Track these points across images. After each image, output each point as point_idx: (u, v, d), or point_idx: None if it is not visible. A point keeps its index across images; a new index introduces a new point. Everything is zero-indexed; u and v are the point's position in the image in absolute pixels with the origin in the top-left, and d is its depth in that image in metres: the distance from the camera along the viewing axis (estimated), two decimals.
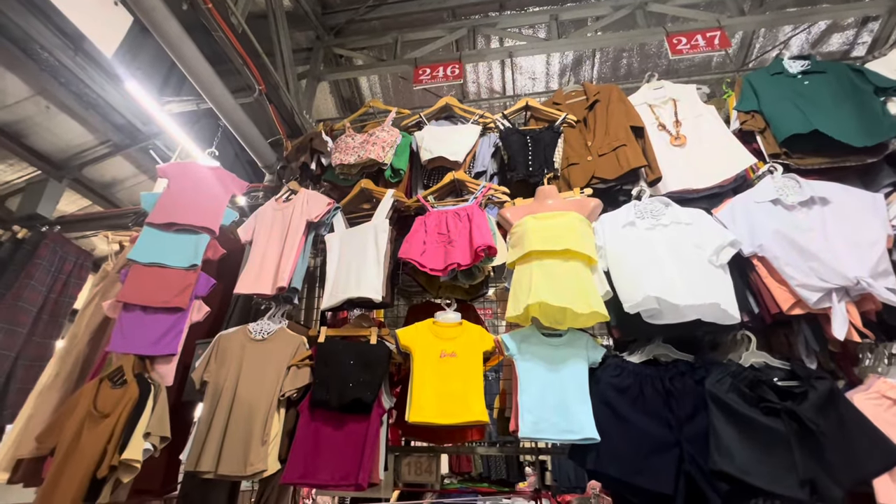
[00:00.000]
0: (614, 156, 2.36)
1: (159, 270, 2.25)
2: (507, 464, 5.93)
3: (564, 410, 1.79)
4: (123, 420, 1.75)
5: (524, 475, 7.87)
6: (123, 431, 1.73)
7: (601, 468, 1.70)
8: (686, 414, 1.73)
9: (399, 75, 4.02)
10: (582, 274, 1.94)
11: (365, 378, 2.02)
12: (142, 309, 2.16)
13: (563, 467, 7.20)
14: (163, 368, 2.10)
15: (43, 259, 3.09)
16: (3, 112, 3.16)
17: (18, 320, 2.99)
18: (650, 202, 2.18)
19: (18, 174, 3.60)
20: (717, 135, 2.40)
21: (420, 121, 2.77)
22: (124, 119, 3.51)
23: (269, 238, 2.46)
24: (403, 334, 2.05)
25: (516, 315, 1.92)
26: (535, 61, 4.01)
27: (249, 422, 2.01)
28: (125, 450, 1.69)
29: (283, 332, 2.25)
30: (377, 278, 2.14)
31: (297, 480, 1.90)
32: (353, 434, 1.95)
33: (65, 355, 2.48)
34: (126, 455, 1.68)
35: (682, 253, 1.95)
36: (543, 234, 2.04)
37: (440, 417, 1.86)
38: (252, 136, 2.82)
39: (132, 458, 1.69)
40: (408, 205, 2.41)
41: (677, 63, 3.99)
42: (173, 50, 2.21)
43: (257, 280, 2.32)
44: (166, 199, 2.43)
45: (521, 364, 1.91)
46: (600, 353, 1.94)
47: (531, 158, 2.40)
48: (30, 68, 2.98)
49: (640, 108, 2.58)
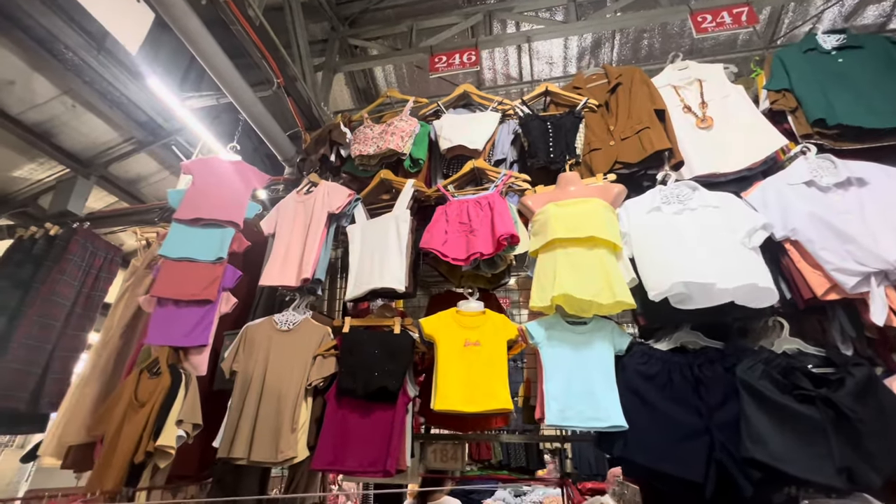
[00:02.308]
0: (637, 139, 2.30)
1: (188, 264, 2.30)
2: (526, 451, 5.97)
3: (591, 398, 1.78)
4: (157, 408, 1.82)
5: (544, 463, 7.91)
6: (157, 419, 1.79)
7: (629, 456, 1.70)
8: (716, 401, 1.71)
9: (414, 64, 3.99)
10: (607, 262, 1.91)
11: (390, 367, 2.04)
12: (174, 302, 2.23)
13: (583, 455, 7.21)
14: (196, 359, 2.16)
15: (74, 255, 3.19)
16: (33, 112, 3.25)
17: (53, 314, 3.09)
18: (676, 186, 2.13)
19: (48, 172, 3.71)
20: (745, 116, 2.32)
21: (438, 109, 2.75)
22: (147, 116, 3.57)
23: (291, 230, 2.48)
24: (427, 323, 2.07)
25: (541, 305, 1.91)
26: (552, 45, 3.93)
27: (279, 410, 2.06)
28: (159, 436, 1.75)
29: (309, 323, 2.29)
30: (400, 268, 2.15)
31: (326, 467, 1.94)
32: (380, 422, 1.99)
33: (100, 349, 2.58)
34: (160, 441, 1.75)
35: (712, 237, 1.90)
36: (567, 221, 2.01)
37: (466, 405, 1.87)
38: (271, 130, 2.84)
39: (166, 444, 1.76)
40: (428, 194, 2.41)
41: (701, 42, 3.86)
42: (194, 45, 2.23)
43: (282, 272, 2.35)
44: (191, 194, 2.48)
45: (547, 352, 1.91)
46: (626, 340, 1.92)
47: (552, 145, 2.36)
48: (55, 68, 3.05)
49: (665, 89, 2.51)
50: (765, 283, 1.73)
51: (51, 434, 2.39)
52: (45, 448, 2.33)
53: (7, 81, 3.01)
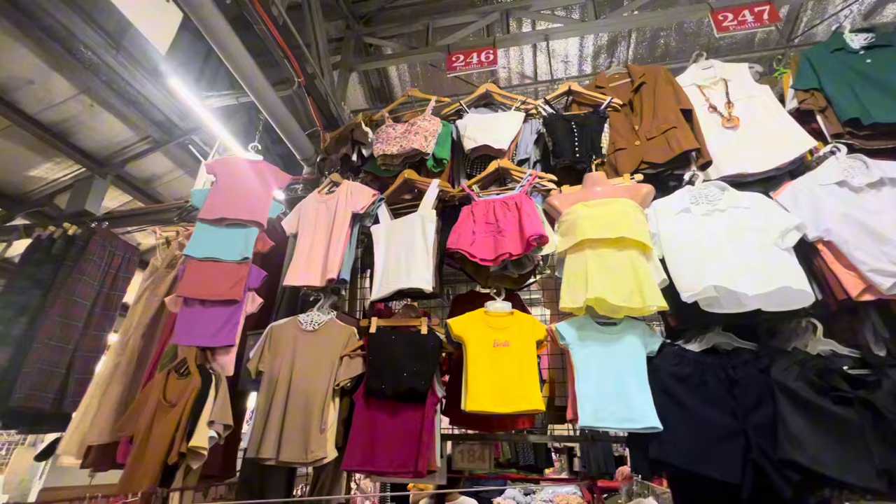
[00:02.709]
0: (664, 139, 2.29)
1: (213, 264, 2.30)
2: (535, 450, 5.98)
3: (624, 399, 1.78)
4: (188, 409, 1.81)
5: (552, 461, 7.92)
6: (189, 420, 1.79)
7: (665, 457, 1.69)
8: (751, 403, 1.70)
9: (429, 63, 3.97)
10: (637, 263, 1.91)
11: (418, 367, 2.04)
12: (200, 302, 2.23)
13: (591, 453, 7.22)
14: (223, 359, 2.16)
15: (93, 254, 3.19)
16: (51, 111, 3.25)
17: (74, 314, 3.10)
18: (704, 187, 2.12)
19: (65, 172, 3.71)
20: (772, 116, 2.31)
21: (460, 109, 2.74)
22: (162, 115, 3.57)
23: (314, 230, 2.48)
24: (456, 324, 2.06)
25: (573, 307, 1.91)
26: (568, 44, 3.91)
27: (307, 410, 2.05)
28: (192, 437, 1.75)
29: (334, 323, 2.29)
30: (427, 268, 2.15)
31: (356, 467, 1.94)
32: (409, 422, 1.99)
33: (120, 349, 2.58)
34: (193, 443, 1.75)
35: (743, 238, 1.89)
36: (596, 221, 2.01)
37: (497, 406, 1.87)
38: (292, 129, 2.83)
39: (199, 445, 1.76)
40: (452, 194, 2.40)
41: (718, 41, 3.84)
42: (220, 45, 2.21)
43: (306, 272, 2.35)
44: (215, 194, 2.47)
45: (578, 353, 1.90)
46: (657, 341, 1.92)
47: (577, 144, 2.35)
48: (74, 67, 3.05)
49: (689, 89, 2.50)
50: (799, 284, 1.72)
51: (71, 433, 2.40)
52: (66, 447, 2.34)
53: (26, 81, 3.01)
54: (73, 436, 2.38)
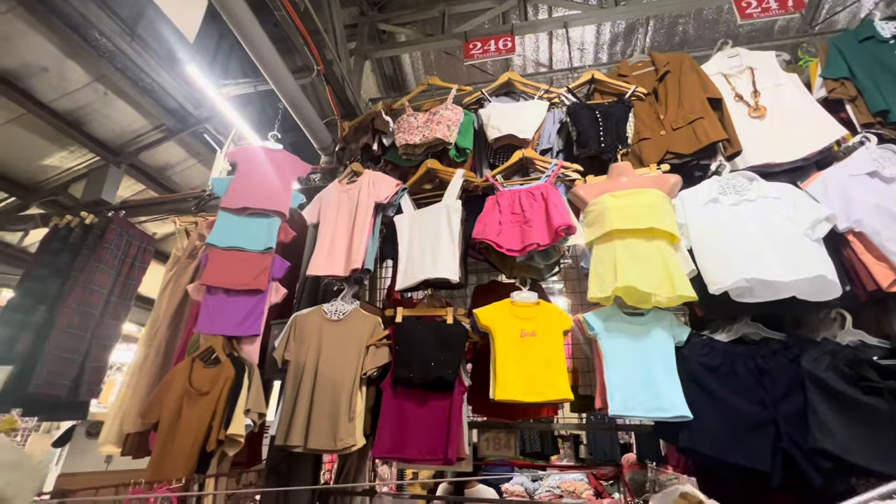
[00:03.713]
0: (691, 129, 2.28)
1: (237, 254, 2.30)
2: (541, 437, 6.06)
3: (653, 389, 1.79)
4: (225, 397, 1.83)
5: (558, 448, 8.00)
6: (226, 408, 1.81)
7: (695, 446, 1.71)
8: (780, 392, 1.72)
9: (444, 51, 3.93)
10: (667, 254, 1.91)
11: (445, 357, 2.05)
12: (224, 291, 2.23)
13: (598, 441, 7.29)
14: (248, 348, 2.17)
15: (110, 243, 3.18)
16: (65, 99, 3.22)
17: (91, 302, 3.10)
18: (732, 177, 2.11)
19: (79, 161, 3.69)
20: (800, 105, 2.29)
21: (481, 98, 2.72)
22: (177, 103, 3.54)
23: (336, 220, 2.47)
24: (482, 314, 2.07)
25: (602, 296, 1.91)
26: (585, 31, 3.86)
27: (335, 399, 2.07)
28: (230, 425, 1.77)
29: (359, 313, 2.30)
30: (454, 259, 2.15)
31: (386, 454, 1.96)
32: (438, 410, 2.00)
33: (149, 340, 2.60)
34: (231, 430, 1.77)
35: (773, 229, 1.89)
36: (624, 212, 2.00)
37: (525, 395, 1.88)
38: (310, 118, 2.81)
39: (237, 433, 1.78)
40: (476, 184, 2.39)
41: (737, 29, 3.79)
42: (241, 32, 2.18)
43: (329, 262, 2.35)
44: (237, 183, 2.46)
45: (606, 343, 1.91)
46: (685, 332, 1.92)
47: (602, 134, 2.33)
48: (89, 55, 3.01)
49: (715, 77, 2.47)
50: (831, 275, 1.72)
51: (110, 423, 2.44)
52: (106, 436, 2.38)
53: (41, 68, 2.98)
54: (111, 425, 2.42)
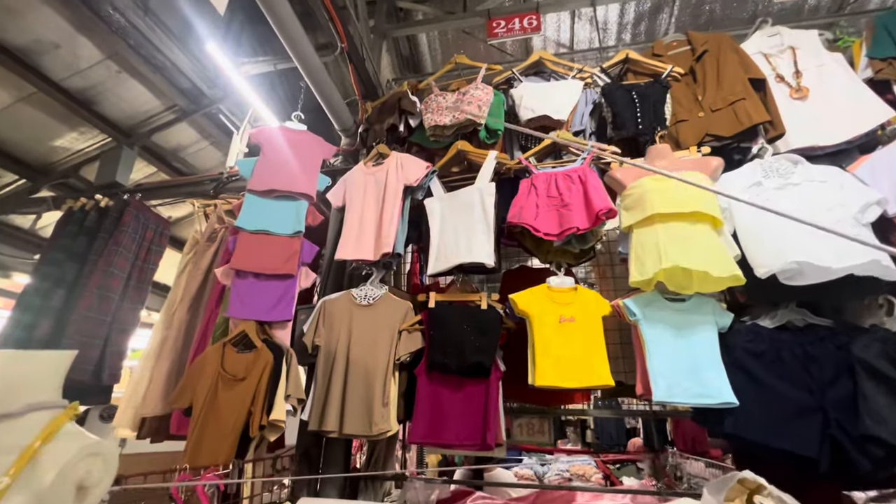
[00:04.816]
0: (731, 111, 2.21)
1: (265, 238, 2.25)
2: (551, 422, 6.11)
3: (697, 375, 1.77)
4: (265, 383, 1.80)
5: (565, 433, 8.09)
6: (267, 394, 1.78)
7: (741, 432, 1.69)
8: (828, 379, 1.70)
9: (463, 30, 3.81)
10: (712, 237, 1.87)
11: (481, 343, 2.03)
12: (254, 275, 2.19)
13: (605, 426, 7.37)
14: (279, 333, 2.14)
15: (128, 226, 3.12)
16: (77, 78, 3.12)
17: (112, 286, 3.06)
18: (776, 160, 2.05)
19: (90, 142, 3.60)
20: (845, 85, 2.22)
21: (511, 77, 2.64)
22: (190, 83, 3.43)
23: (363, 203, 2.42)
24: (520, 299, 2.03)
25: (643, 279, 1.87)
26: (608, 10, 3.75)
27: (368, 384, 2.05)
28: (272, 411, 1.75)
29: (389, 298, 2.26)
30: (489, 243, 2.10)
31: (422, 440, 1.95)
32: (474, 396, 1.98)
33: (167, 323, 2.56)
34: (274, 416, 1.75)
35: (821, 213, 1.84)
36: (666, 195, 1.95)
37: (566, 381, 1.86)
38: (333, 98, 2.72)
39: (279, 418, 1.76)
40: (509, 167, 2.33)
41: (766, 9, 3.68)
42: (270, 8, 2.09)
43: (357, 246, 2.30)
44: (263, 165, 2.40)
45: (648, 329, 1.88)
46: (728, 318, 1.89)
47: (640, 115, 2.27)
48: (101, 31, 2.90)
49: (755, 57, 2.39)
50: (886, 260, 1.68)
51: (125, 407, 2.41)
52: (120, 419, 2.36)
53: (53, 45, 2.88)
54: (126, 409, 2.39)
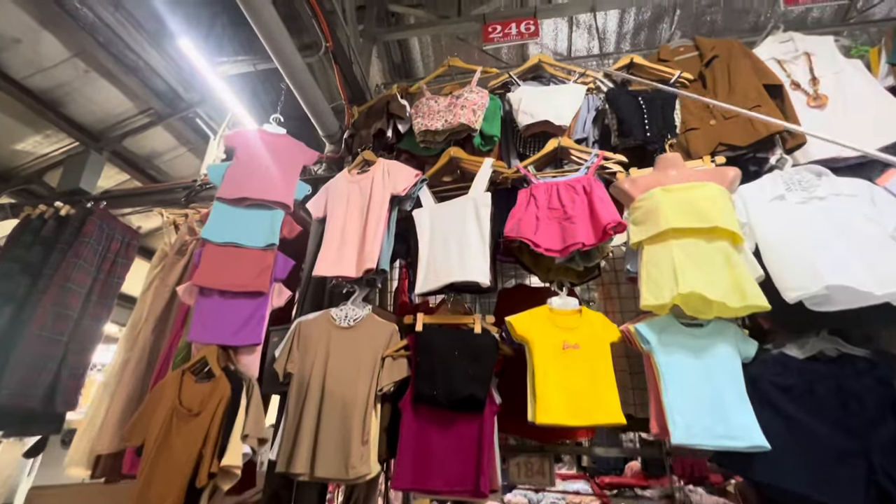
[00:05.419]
0: (746, 118, 2.05)
1: (235, 251, 2.01)
2: None
3: (721, 413, 1.55)
4: (218, 421, 1.55)
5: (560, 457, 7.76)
6: (220, 434, 1.52)
7: (776, 481, 1.47)
8: (870, 418, 1.49)
9: (457, 36, 3.66)
10: (732, 257, 1.67)
11: (475, 372, 1.79)
12: (220, 293, 1.94)
13: None
14: (246, 359, 1.89)
15: (90, 237, 2.86)
16: (41, 77, 2.89)
17: (69, 303, 2.79)
18: (797, 171, 1.88)
19: (55, 146, 3.35)
20: (866, 93, 2.08)
21: (508, 81, 2.46)
22: (166, 85, 3.22)
23: (346, 214, 2.20)
24: (519, 323, 1.81)
25: (657, 304, 1.66)
26: (608, 18, 3.63)
27: (345, 419, 1.80)
28: (224, 455, 1.49)
29: (372, 319, 2.02)
30: (484, 259, 1.88)
31: (408, 487, 1.70)
32: (466, 434, 1.74)
33: (129, 345, 2.30)
34: (226, 461, 1.49)
35: (852, 230, 1.66)
36: (681, 208, 1.76)
37: (571, 418, 1.63)
38: (317, 101, 2.52)
39: (233, 464, 1.50)
40: (506, 175, 2.14)
41: (767, 21, 3.58)
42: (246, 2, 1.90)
43: (338, 261, 2.07)
44: (235, 171, 2.17)
45: (663, 359, 1.66)
46: (752, 346, 1.69)
47: (648, 122, 2.09)
48: (67, 25, 2.69)
49: (768, 63, 2.25)
50: None
51: (79, 440, 2.13)
52: (73, 457, 2.07)
53: (13, 39, 2.65)
54: (80, 443, 2.11)
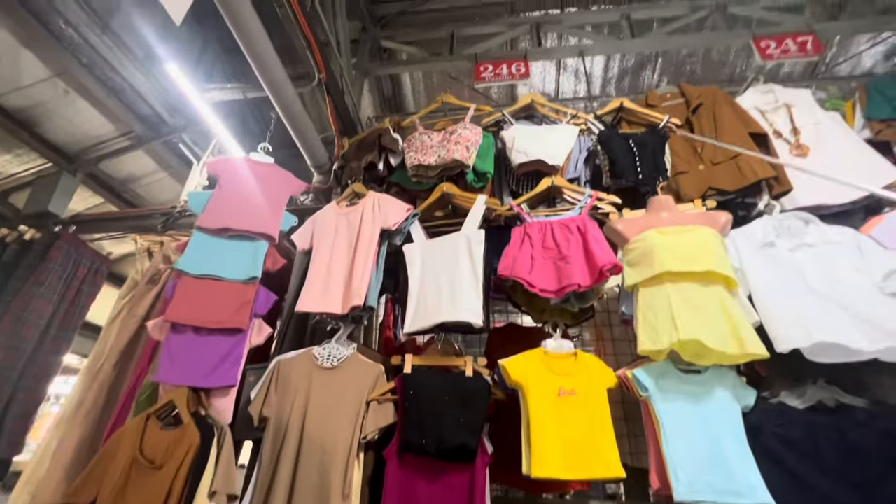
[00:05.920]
0: (734, 164, 2.10)
1: (213, 284, 1.89)
2: None
3: (723, 466, 1.48)
4: (183, 475, 1.39)
5: None
6: (184, 490, 1.36)
7: None
8: (876, 473, 1.44)
9: (449, 74, 3.73)
10: (727, 302, 1.65)
11: (466, 418, 1.69)
12: (193, 330, 1.80)
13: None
14: (220, 402, 1.74)
15: (55, 262, 2.69)
16: (17, 95, 2.78)
17: (24, 334, 2.59)
18: (785, 218, 1.91)
19: (26, 166, 3.20)
20: (844, 144, 2.16)
21: (501, 119, 2.48)
22: (150, 108, 3.15)
23: (333, 247, 2.12)
24: (513, 367, 1.73)
25: (654, 349, 1.62)
26: (593, 64, 3.77)
27: (324, 469, 1.66)
28: None
29: (357, 360, 1.91)
30: (477, 299, 1.81)
31: None
32: (456, 487, 1.62)
33: (88, 381, 2.10)
34: None
35: (841, 280, 1.67)
36: (676, 251, 1.74)
37: (567, 471, 1.53)
38: (308, 131, 2.49)
39: None
40: (499, 213, 2.11)
41: (742, 74, 3.79)
42: (240, 27, 1.87)
43: (324, 297, 1.98)
44: (218, 199, 2.08)
45: (662, 406, 1.60)
46: (751, 395, 1.64)
47: (639, 163, 2.11)
48: (50, 46, 2.61)
49: (751, 112, 2.33)
50: None
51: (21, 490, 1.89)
52: None
53: None
54: (20, 495, 1.87)
